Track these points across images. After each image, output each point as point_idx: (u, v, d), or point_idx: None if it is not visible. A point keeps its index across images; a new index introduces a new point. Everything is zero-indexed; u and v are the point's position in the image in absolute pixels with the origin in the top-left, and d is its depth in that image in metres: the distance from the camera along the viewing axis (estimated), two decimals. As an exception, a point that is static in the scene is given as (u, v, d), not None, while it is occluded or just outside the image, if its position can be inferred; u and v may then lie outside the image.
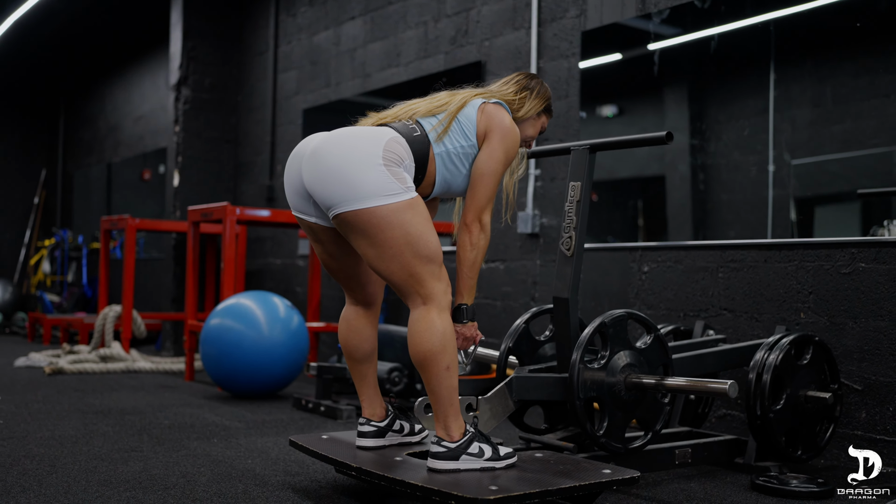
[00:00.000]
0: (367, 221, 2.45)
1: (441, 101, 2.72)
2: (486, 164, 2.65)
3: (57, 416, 4.23)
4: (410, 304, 2.56)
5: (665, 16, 4.47)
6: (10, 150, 12.91)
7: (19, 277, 12.34)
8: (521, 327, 3.34)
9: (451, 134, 2.65)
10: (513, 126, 2.70)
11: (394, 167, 2.49)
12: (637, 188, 4.91)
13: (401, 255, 2.48)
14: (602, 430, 2.95)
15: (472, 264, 2.65)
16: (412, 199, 2.50)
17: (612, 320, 3.01)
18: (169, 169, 8.26)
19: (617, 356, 3.01)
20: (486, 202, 2.64)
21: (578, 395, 2.91)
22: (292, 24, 7.54)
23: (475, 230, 2.63)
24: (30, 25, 9.87)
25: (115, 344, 6.63)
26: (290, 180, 2.66)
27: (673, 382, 2.98)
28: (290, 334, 4.99)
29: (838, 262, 3.59)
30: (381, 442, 2.86)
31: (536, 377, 3.02)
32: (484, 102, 2.71)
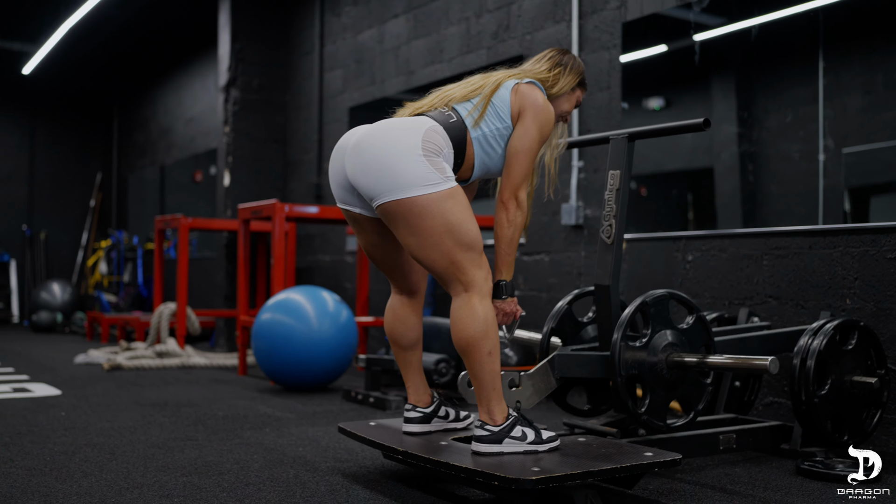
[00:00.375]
0: (409, 210, 2.52)
1: (475, 86, 2.77)
2: (520, 142, 2.69)
3: (116, 409, 4.37)
4: (452, 291, 2.62)
5: (706, 4, 4.47)
6: (67, 156, 13.26)
7: (77, 278, 12.69)
8: (564, 308, 3.37)
9: (486, 118, 2.70)
10: (546, 104, 2.74)
11: (433, 157, 2.55)
12: (686, 181, 4.89)
13: (441, 244, 2.54)
14: (644, 408, 2.98)
15: (509, 241, 2.70)
16: (452, 188, 2.56)
17: (653, 299, 3.04)
18: (219, 169, 8.43)
19: (659, 335, 3.04)
20: (521, 179, 2.69)
21: (620, 372, 2.94)
22: (337, 24, 7.65)
23: (511, 207, 2.68)
24: (84, 33, 10.12)
25: (170, 340, 6.81)
26: (334, 173, 2.73)
27: (714, 360, 3.00)
28: (339, 328, 5.08)
29: (884, 248, 3.58)
30: (427, 427, 2.92)
31: (579, 355, 3.05)
32: (517, 83, 2.75)
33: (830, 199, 3.95)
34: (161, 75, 11.42)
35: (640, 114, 4.96)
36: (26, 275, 12.65)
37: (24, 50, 11.55)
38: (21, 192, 12.88)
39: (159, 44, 11.09)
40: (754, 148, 4.40)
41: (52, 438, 3.54)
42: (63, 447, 3.36)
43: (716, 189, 4.65)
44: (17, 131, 12.95)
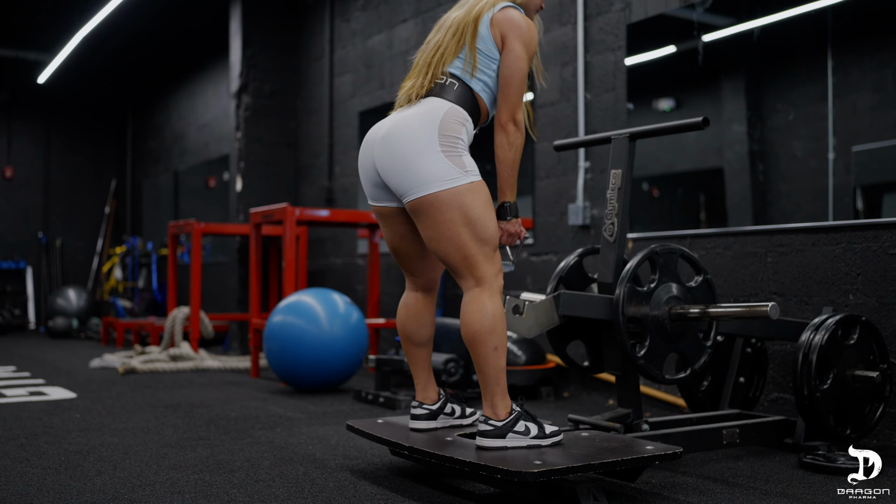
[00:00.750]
0: (431, 205, 2.62)
1: (458, 33, 2.80)
2: (510, 67, 2.74)
3: (130, 410, 4.45)
4: (463, 284, 2.69)
5: (709, 4, 4.51)
6: (82, 163, 13.40)
7: (93, 284, 12.81)
8: (574, 261, 3.38)
9: (479, 66, 2.75)
10: (526, 22, 2.78)
11: (451, 152, 2.64)
12: (697, 181, 4.91)
13: (458, 236, 2.62)
14: (642, 353, 3.03)
15: (512, 163, 2.75)
16: (472, 183, 2.64)
17: (663, 250, 3.12)
18: (232, 174, 8.52)
19: (664, 286, 3.10)
20: (517, 101, 2.75)
21: (622, 311, 2.99)
22: (347, 29, 7.73)
23: (511, 129, 2.73)
24: (97, 42, 10.24)
25: (184, 344, 6.89)
26: (364, 170, 2.83)
27: (716, 310, 3.06)
28: (349, 329, 5.14)
29: (885, 243, 3.61)
30: (434, 424, 2.97)
31: (584, 294, 3.09)
32: (492, 14, 2.78)
33: (840, 198, 3.96)
34: (174, 82, 11.54)
35: (651, 115, 4.99)
36: (42, 281, 12.79)
37: (38, 59, 11.69)
38: (37, 199, 13.02)
39: (172, 51, 11.21)
40: (764, 147, 4.42)
41: (67, 439, 3.61)
42: (78, 447, 3.43)
43: (726, 189, 4.68)
44: (32, 140, 13.10)
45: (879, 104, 3.93)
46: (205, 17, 9.76)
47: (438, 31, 2.87)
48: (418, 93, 2.79)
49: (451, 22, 2.84)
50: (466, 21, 2.78)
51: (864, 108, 3.98)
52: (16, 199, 12.85)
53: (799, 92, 4.28)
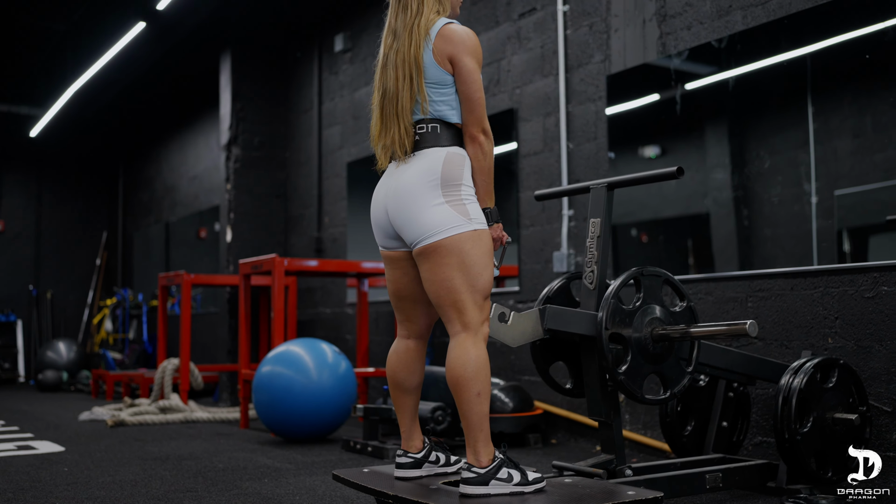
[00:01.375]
0: (434, 251, 2.72)
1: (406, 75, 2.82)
2: (466, 83, 2.80)
3: (118, 463, 4.45)
4: (450, 329, 2.75)
5: (686, 56, 4.63)
6: (72, 216, 13.46)
7: (83, 337, 12.79)
8: (562, 283, 3.40)
9: (434, 98, 2.81)
10: (464, 33, 2.83)
11: (455, 202, 2.74)
12: (684, 227, 4.98)
13: (451, 280, 2.70)
14: (623, 370, 3.06)
15: (487, 171, 2.83)
16: (474, 231, 2.73)
17: (648, 272, 3.17)
18: (222, 225, 8.58)
19: (648, 307, 3.14)
20: (481, 112, 2.83)
21: (606, 326, 3.03)
22: (335, 82, 7.86)
23: (481, 139, 2.81)
24: (89, 96, 10.38)
25: (173, 396, 6.89)
26: (376, 220, 2.92)
27: (697, 330, 3.11)
28: (338, 378, 5.17)
29: (861, 287, 3.67)
30: (419, 472, 3.00)
31: (569, 310, 3.12)
32: (430, 43, 2.81)
33: (824, 241, 4.03)
34: (165, 135, 11.66)
35: (637, 162, 5.08)
36: (32, 334, 12.77)
37: (31, 113, 11.82)
38: (28, 252, 13.06)
39: (163, 104, 11.34)
40: (748, 192, 4.49)
41: (55, 493, 3.62)
42: (64, 501, 3.44)
43: (712, 234, 4.75)
44: (24, 192, 13.17)
45: (860, 149, 4.00)
46: (195, 71, 9.91)
47: (384, 73, 2.90)
48: (407, 148, 2.85)
49: (394, 63, 2.86)
50: (408, 61, 2.82)
51: (844, 152, 4.05)
52: (7, 252, 12.89)
53: (781, 138, 4.36)
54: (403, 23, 2.87)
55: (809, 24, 4.06)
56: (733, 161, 4.61)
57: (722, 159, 4.70)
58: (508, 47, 5.78)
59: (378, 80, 2.94)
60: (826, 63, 4.11)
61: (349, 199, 7.55)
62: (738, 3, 4.32)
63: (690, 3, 4.56)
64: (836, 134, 4.08)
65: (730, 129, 4.69)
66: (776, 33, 4.20)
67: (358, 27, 7.52)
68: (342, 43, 7.66)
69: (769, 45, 4.26)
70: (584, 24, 5.19)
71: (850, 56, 4.01)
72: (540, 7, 5.53)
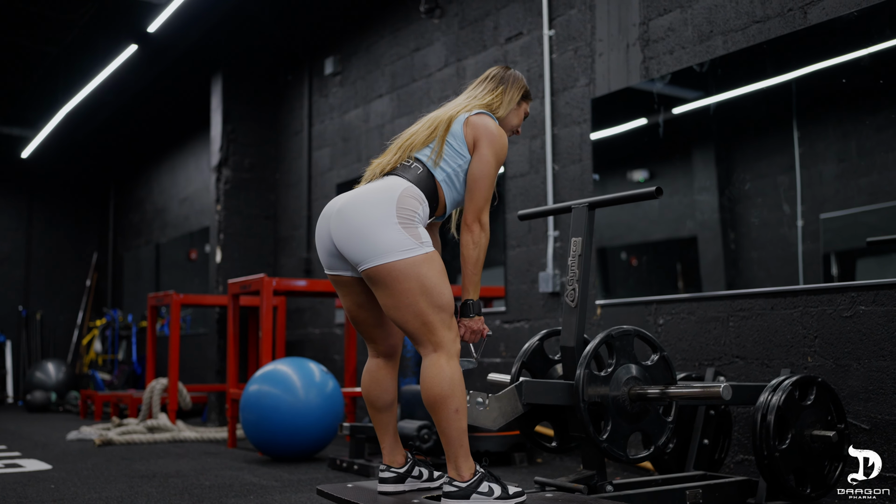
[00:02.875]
0: (387, 275, 2.72)
1: (431, 128, 2.95)
2: (479, 169, 2.88)
3: (105, 481, 4.47)
4: (422, 351, 2.78)
5: (668, 79, 4.71)
6: (63, 237, 13.48)
7: (72, 358, 12.77)
8: (535, 345, 3.48)
9: (445, 158, 2.89)
10: (498, 130, 2.93)
11: (408, 224, 2.76)
12: (672, 249, 5.02)
13: (415, 305, 2.72)
14: (605, 436, 3.10)
15: (475, 262, 2.87)
16: (427, 253, 2.76)
17: (618, 333, 3.20)
18: (212, 246, 8.62)
19: (623, 368, 3.18)
20: (483, 203, 2.88)
21: (582, 398, 3.07)
22: (325, 105, 7.93)
23: (476, 230, 2.86)
24: (80, 118, 10.43)
25: (161, 415, 6.90)
26: (320, 240, 2.93)
27: (674, 391, 3.15)
28: (325, 398, 5.20)
29: (840, 306, 3.74)
30: (401, 487, 3.03)
31: (545, 382, 3.16)
32: (468, 116, 2.94)
33: (810, 264, 4.07)
34: (156, 156, 11.71)
35: (624, 185, 5.13)
36: (21, 355, 12.75)
37: (22, 135, 11.86)
38: (17, 273, 13.06)
39: (154, 126, 11.41)
40: (734, 216, 4.54)
41: (41, 509, 3.64)
42: (51, 516, 3.46)
43: (700, 256, 4.80)
44: (14, 213, 13.20)
45: (844, 173, 4.06)
46: (186, 93, 9.98)
47: (416, 125, 3.02)
48: (382, 170, 2.93)
49: (429, 118, 3.00)
50: (441, 118, 2.95)
51: (830, 176, 4.11)
52: (-3, 273, 12.90)
53: (767, 162, 4.42)
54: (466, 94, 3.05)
55: (789, 50, 4.15)
56: (720, 185, 4.66)
57: (708, 183, 4.76)
58: (496, 71, 5.86)
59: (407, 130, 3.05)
60: (810, 88, 4.17)
61: (338, 221, 7.59)
62: (719, 29, 4.41)
63: (672, 28, 4.65)
64: (821, 158, 4.14)
65: (716, 154, 4.74)
66: (758, 58, 4.28)
67: (348, 50, 7.61)
68: (332, 66, 7.75)
69: (751, 70, 4.34)
70: (570, 48, 5.28)
71: (833, 81, 4.08)
72: (526, 31, 5.62)
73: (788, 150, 4.22)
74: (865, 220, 3.99)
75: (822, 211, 4.10)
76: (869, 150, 3.95)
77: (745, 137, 4.55)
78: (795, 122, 4.20)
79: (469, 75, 6.09)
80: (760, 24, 4.20)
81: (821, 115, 4.20)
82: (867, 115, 3.98)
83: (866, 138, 3.98)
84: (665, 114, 4.82)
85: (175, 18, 7.53)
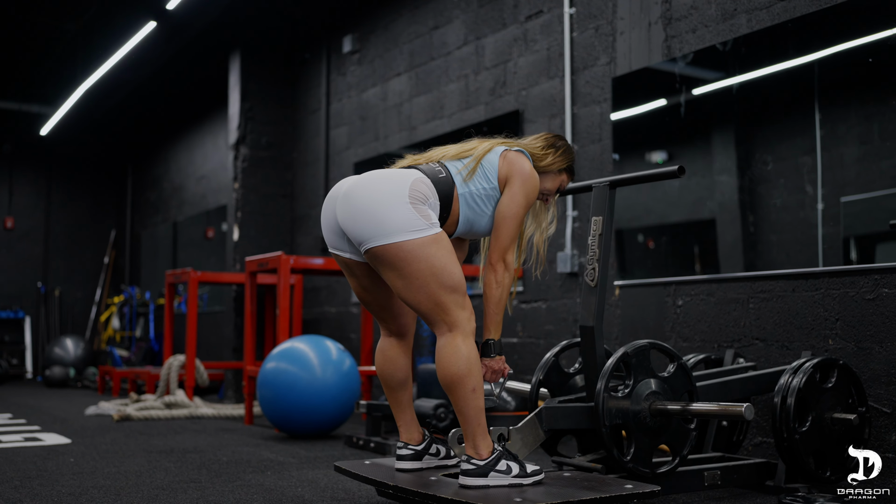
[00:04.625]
0: (395, 255, 2.68)
1: (469, 147, 2.95)
2: (507, 207, 2.86)
3: (123, 455, 4.50)
4: (437, 331, 2.77)
5: (690, 59, 4.66)
6: (81, 214, 13.55)
7: (90, 334, 12.87)
8: (551, 360, 3.50)
9: (475, 177, 2.86)
10: (532, 172, 2.91)
11: (419, 205, 2.72)
12: (691, 232, 4.98)
13: (426, 286, 2.70)
14: (629, 456, 3.09)
15: (497, 301, 2.85)
16: (436, 234, 2.72)
17: (634, 350, 3.16)
18: (229, 224, 8.64)
19: (641, 384, 3.15)
20: (509, 242, 2.85)
21: (604, 422, 3.06)
22: (342, 83, 7.91)
23: (500, 269, 2.84)
24: (99, 95, 10.45)
25: (179, 392, 6.93)
26: (326, 220, 2.90)
27: (696, 408, 3.12)
28: (341, 375, 5.20)
29: (862, 289, 3.70)
30: (419, 465, 3.03)
31: (565, 407, 3.17)
32: (507, 150, 2.93)
33: (830, 247, 4.03)
34: (173, 134, 11.73)
35: (643, 166, 5.09)
36: (40, 331, 12.84)
37: (41, 112, 11.90)
38: (37, 250, 13.14)
39: (172, 105, 11.41)
40: (754, 198, 4.50)
41: (61, 482, 3.66)
42: (70, 489, 3.48)
43: (718, 239, 4.76)
44: (33, 191, 13.26)
45: (866, 156, 4.01)
46: (204, 72, 9.97)
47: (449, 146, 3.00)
48: (408, 163, 2.91)
49: (466, 141, 2.98)
50: (482, 144, 2.94)
51: (851, 159, 4.06)
52: (16, 250, 12.97)
53: (787, 144, 4.37)
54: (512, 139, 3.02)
55: (814, 29, 4.09)
56: (739, 167, 4.62)
57: (728, 165, 4.72)
58: (515, 49, 5.83)
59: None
60: (833, 69, 4.11)
61: (356, 200, 7.58)
62: (743, 7, 4.35)
63: (696, 6, 4.60)
64: (842, 140, 4.08)
65: (736, 135, 4.69)
66: (781, 38, 4.22)
67: (366, 29, 7.57)
68: (350, 44, 7.72)
69: (775, 49, 4.28)
70: (591, 26, 5.23)
71: (857, 62, 4.02)
72: (546, 9, 5.58)
73: (809, 132, 4.17)
74: (887, 204, 3.94)
75: (842, 194, 4.05)
76: (892, 133, 3.89)
77: (765, 119, 4.50)
78: (817, 104, 4.14)
79: (488, 53, 6.05)
80: (785, 1, 4.14)
81: (843, 97, 4.14)
82: (892, 97, 3.92)
83: (889, 121, 3.92)
84: (686, 94, 4.77)
85: (194, -5, 7.52)
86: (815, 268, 3.96)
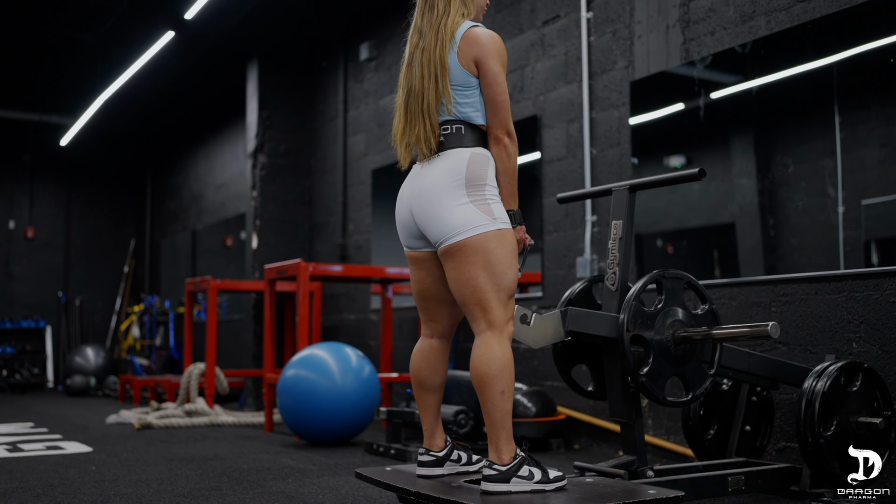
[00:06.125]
0: (459, 250, 2.75)
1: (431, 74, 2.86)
2: (491, 87, 2.85)
3: (144, 463, 4.51)
4: (475, 328, 2.78)
5: (708, 62, 4.63)
6: (101, 224, 13.64)
7: (111, 343, 12.93)
8: (583, 286, 3.41)
9: (458, 100, 2.85)
10: (489, 36, 2.86)
11: (479, 201, 2.77)
12: (710, 236, 4.95)
13: (476, 279, 2.73)
14: (644, 371, 3.06)
15: (511, 173, 2.87)
16: (499, 230, 2.76)
17: (669, 274, 3.17)
18: (248, 232, 8.67)
19: (671, 309, 3.14)
20: (506, 115, 2.86)
21: (627, 328, 3.04)
22: (360, 90, 7.92)
23: (506, 142, 2.85)
24: (118, 105, 10.52)
25: (199, 400, 6.95)
26: (401, 223, 2.96)
27: (719, 332, 3.11)
28: (361, 382, 5.20)
29: (887, 291, 3.66)
30: (440, 471, 3.02)
31: (590, 312, 3.12)
32: (457, 45, 2.85)
33: (852, 251, 4.00)
34: (192, 143, 11.79)
35: (661, 171, 5.06)
36: (61, 340, 12.93)
37: (61, 122, 12.00)
38: (57, 259, 13.23)
39: (190, 114, 11.48)
40: (774, 202, 4.46)
41: (83, 490, 3.67)
42: (92, 497, 3.49)
43: (738, 243, 4.72)
44: (53, 201, 13.36)
45: (887, 158, 3.97)
46: (223, 80, 10.02)
47: (409, 71, 2.93)
48: (432, 146, 2.88)
49: (420, 61, 2.90)
50: (434, 60, 2.86)
51: (872, 162, 4.02)
52: (37, 260, 13.07)
53: (807, 147, 4.33)
54: (429, 22, 2.91)
55: (834, 30, 4.06)
56: (759, 170, 4.58)
57: (747, 168, 4.68)
58: (532, 54, 5.82)
59: (403, 78, 2.97)
60: (853, 70, 4.08)
61: (373, 207, 7.60)
62: (762, 8, 4.32)
63: (714, 9, 4.57)
64: (863, 143, 4.05)
65: (755, 139, 4.66)
66: (801, 39, 4.19)
67: (383, 36, 7.59)
68: (367, 51, 7.74)
69: (794, 51, 4.25)
70: (608, 30, 5.21)
71: (878, 63, 3.98)
72: (564, 14, 5.56)
73: (829, 134, 4.13)
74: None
75: (863, 197, 4.02)
76: (913, 136, 3.85)
77: (785, 122, 4.46)
78: (837, 106, 4.11)
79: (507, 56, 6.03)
80: (805, 2, 4.12)
81: (863, 99, 4.11)
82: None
83: (911, 123, 3.88)
84: (705, 97, 4.74)
85: (212, 5, 7.56)
86: (838, 271, 3.92)
